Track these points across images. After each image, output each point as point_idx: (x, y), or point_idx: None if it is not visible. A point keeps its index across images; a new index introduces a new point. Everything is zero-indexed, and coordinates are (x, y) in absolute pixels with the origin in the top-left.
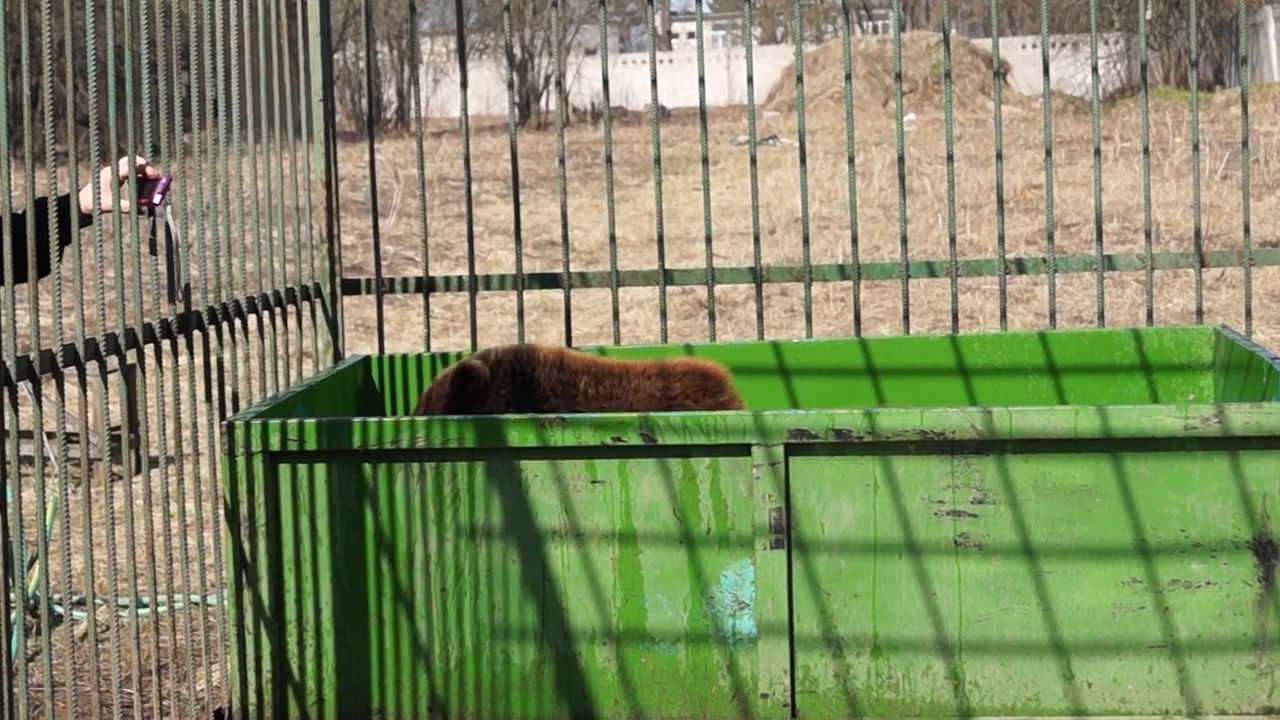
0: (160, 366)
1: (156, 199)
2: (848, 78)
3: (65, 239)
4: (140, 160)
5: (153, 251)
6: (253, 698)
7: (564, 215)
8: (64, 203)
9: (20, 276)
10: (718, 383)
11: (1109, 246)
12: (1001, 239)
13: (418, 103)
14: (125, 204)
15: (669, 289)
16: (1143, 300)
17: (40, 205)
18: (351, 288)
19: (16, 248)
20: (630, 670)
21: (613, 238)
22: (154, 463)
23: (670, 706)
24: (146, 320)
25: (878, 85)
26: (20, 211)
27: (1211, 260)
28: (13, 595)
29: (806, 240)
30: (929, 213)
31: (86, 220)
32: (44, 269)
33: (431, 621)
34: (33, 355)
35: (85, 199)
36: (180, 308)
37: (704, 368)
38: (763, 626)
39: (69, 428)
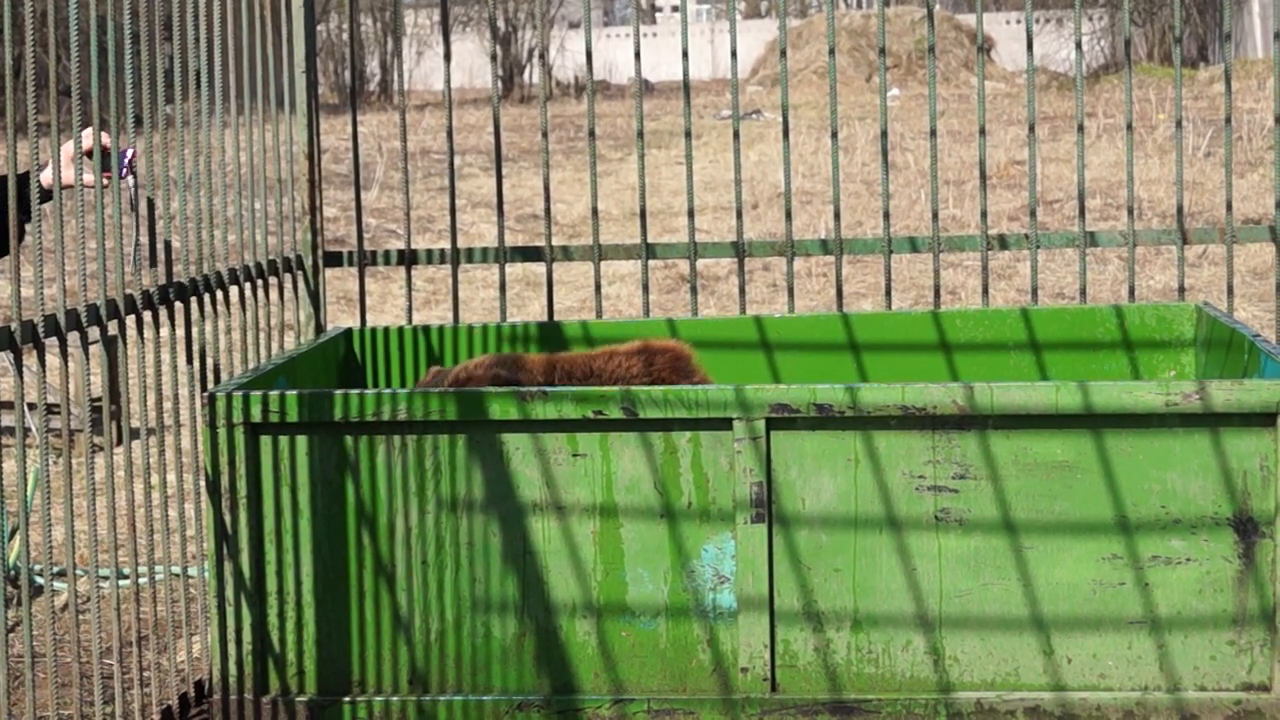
0: (141, 338)
1: (123, 173)
2: (831, 52)
3: (26, 216)
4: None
5: (133, 208)
6: (233, 669)
7: (546, 189)
8: (24, 179)
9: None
10: (684, 361)
11: (1091, 223)
12: (984, 215)
13: (401, 75)
14: (88, 178)
15: (651, 263)
16: (1125, 277)
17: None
18: (333, 260)
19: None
20: (610, 644)
21: (595, 211)
22: (135, 434)
23: (650, 680)
24: (128, 291)
25: (861, 60)
26: None
27: (1194, 237)
28: None
29: (789, 215)
30: (912, 188)
31: (48, 196)
32: (3, 248)
33: (412, 594)
34: (14, 326)
35: (46, 176)
36: (160, 277)
37: (662, 346)
38: (743, 601)
39: (50, 399)
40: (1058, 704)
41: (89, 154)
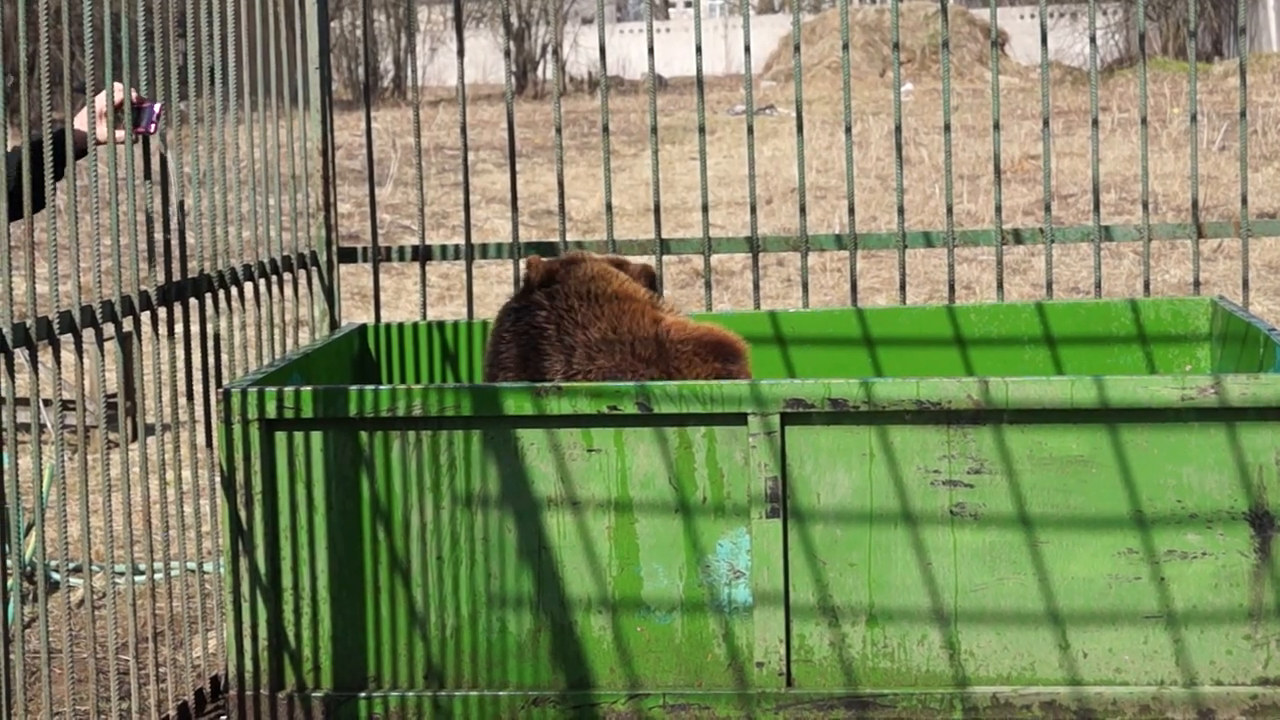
0: (156, 334)
1: (151, 128)
2: (845, 47)
3: (60, 173)
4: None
5: (147, 177)
6: (249, 665)
7: (560, 184)
8: (58, 137)
9: (17, 214)
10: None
11: (1106, 217)
12: (998, 209)
13: (414, 71)
14: (120, 134)
15: (666, 258)
16: (1140, 271)
17: (36, 146)
18: (348, 256)
19: (15, 186)
20: (626, 639)
21: (609, 207)
22: (150, 430)
23: (666, 675)
24: (143, 288)
25: (875, 55)
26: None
27: (1209, 231)
28: (10, 562)
29: (803, 210)
30: (926, 183)
31: (81, 152)
32: (40, 202)
33: (427, 590)
34: (29, 322)
35: (80, 128)
36: (175, 270)
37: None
38: (758, 595)
39: (66, 395)
40: (1074, 698)
41: (119, 108)
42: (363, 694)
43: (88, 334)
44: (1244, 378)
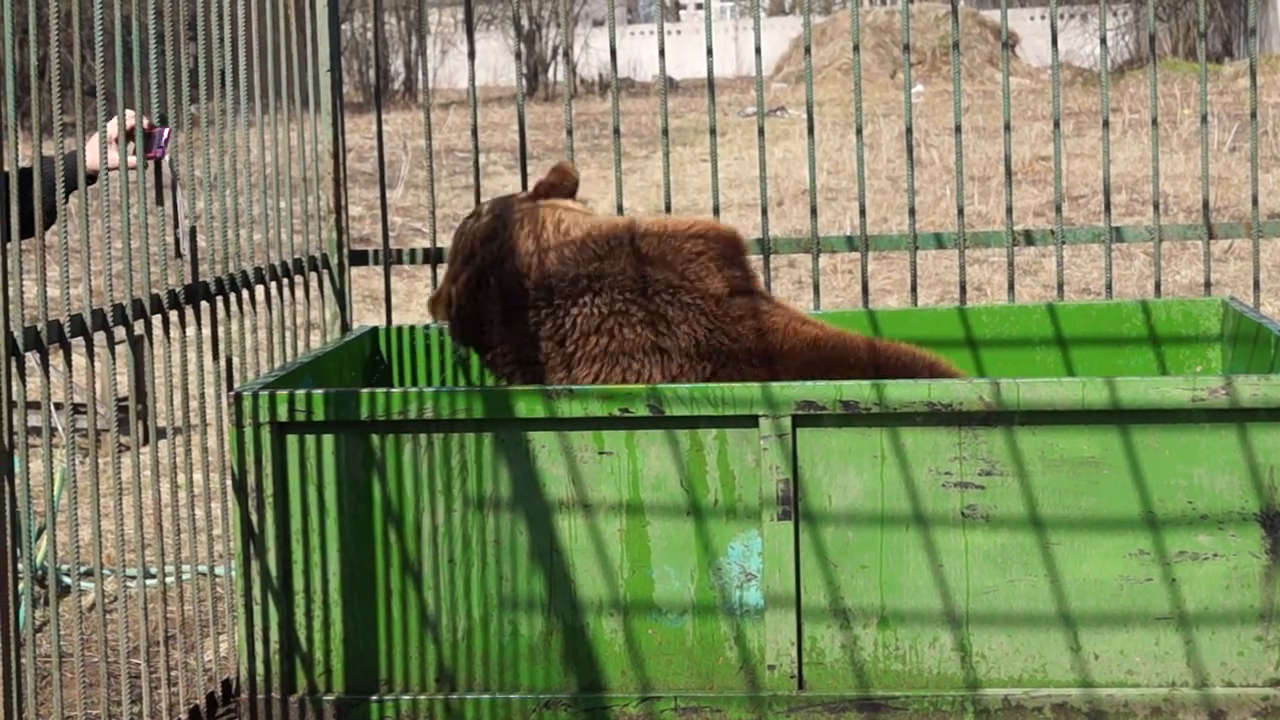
0: (168, 337)
1: (160, 153)
2: (856, 49)
3: (71, 190)
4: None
5: (159, 202)
6: (260, 668)
7: None
8: (70, 159)
9: (27, 232)
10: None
11: (1117, 218)
12: (1009, 211)
13: (425, 74)
14: (132, 159)
15: None
16: (1150, 272)
17: (45, 164)
18: (359, 259)
19: (23, 201)
20: (637, 641)
21: (620, 209)
22: (162, 433)
23: (677, 678)
24: (154, 291)
25: (886, 57)
26: (26, 167)
27: (1219, 232)
28: (21, 566)
29: (814, 212)
30: (937, 184)
31: (92, 178)
32: (50, 218)
33: (439, 592)
34: (40, 326)
35: (91, 155)
36: (188, 259)
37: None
38: (770, 598)
39: (76, 398)
40: (1085, 700)
41: (130, 135)
42: (374, 697)
43: (99, 337)
44: (1255, 378)
